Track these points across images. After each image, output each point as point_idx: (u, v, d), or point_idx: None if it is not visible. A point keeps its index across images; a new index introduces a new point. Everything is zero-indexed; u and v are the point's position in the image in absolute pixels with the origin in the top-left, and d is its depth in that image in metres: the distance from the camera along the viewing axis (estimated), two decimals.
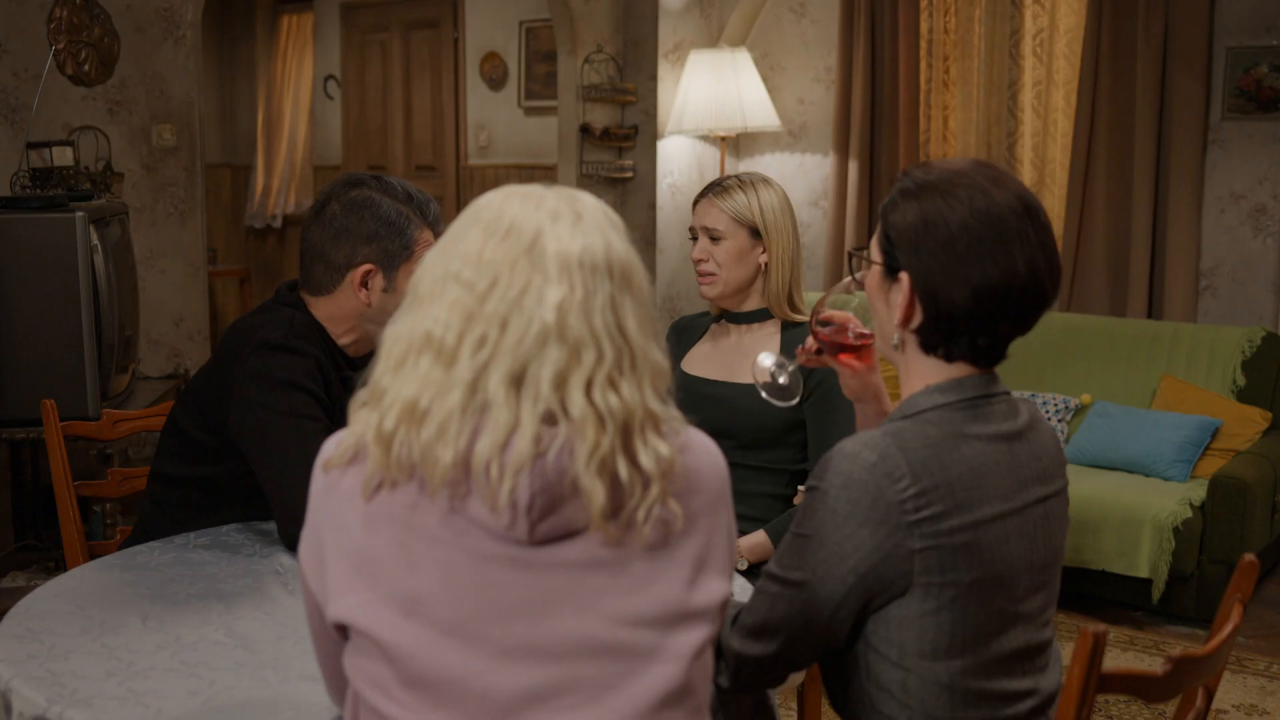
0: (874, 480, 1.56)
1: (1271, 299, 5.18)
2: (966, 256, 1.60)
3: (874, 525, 1.56)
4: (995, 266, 1.60)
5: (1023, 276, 1.61)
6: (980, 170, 1.66)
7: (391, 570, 1.34)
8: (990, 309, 1.62)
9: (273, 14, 9.42)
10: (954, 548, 1.57)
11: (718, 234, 2.76)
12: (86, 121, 4.98)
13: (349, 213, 2.38)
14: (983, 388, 1.67)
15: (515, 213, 1.37)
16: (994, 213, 1.61)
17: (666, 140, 6.22)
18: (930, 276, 1.62)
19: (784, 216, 2.78)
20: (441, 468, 1.31)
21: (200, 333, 5.36)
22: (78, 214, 4.00)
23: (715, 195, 2.78)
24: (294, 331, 2.36)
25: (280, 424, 2.25)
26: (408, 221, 2.39)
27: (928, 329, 1.66)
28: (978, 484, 1.60)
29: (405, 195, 2.41)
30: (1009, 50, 5.71)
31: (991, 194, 1.62)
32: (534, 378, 1.32)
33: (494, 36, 8.14)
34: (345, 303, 2.41)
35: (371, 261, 2.38)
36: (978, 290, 1.61)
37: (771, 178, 2.85)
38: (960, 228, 1.61)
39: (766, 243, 2.75)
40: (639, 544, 1.35)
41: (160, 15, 5.12)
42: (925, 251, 1.62)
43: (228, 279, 8.76)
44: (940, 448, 1.60)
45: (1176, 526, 4.19)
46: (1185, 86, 5.17)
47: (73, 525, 2.63)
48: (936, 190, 1.64)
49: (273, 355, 2.31)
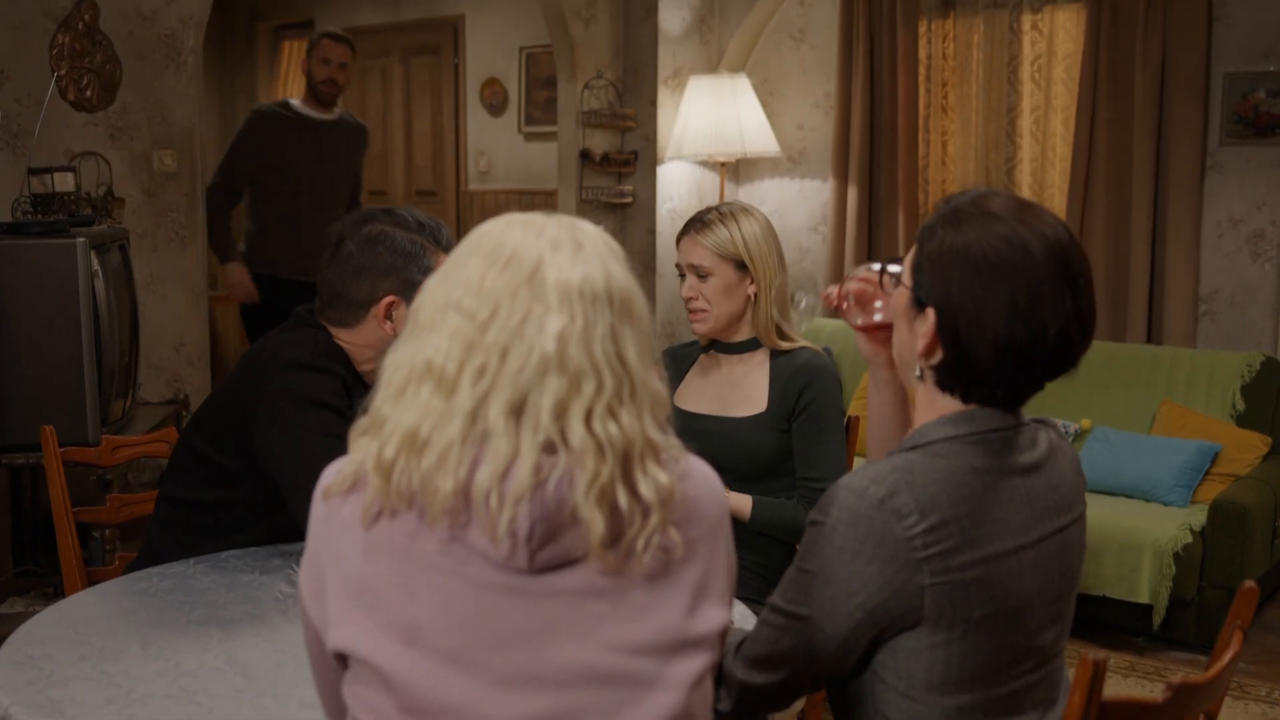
0: (881, 517, 1.54)
1: (1270, 324, 5.19)
2: (997, 312, 1.56)
3: (882, 562, 1.54)
4: (1026, 330, 1.56)
5: (1052, 344, 1.57)
6: (1024, 217, 1.59)
7: (391, 599, 1.34)
8: (1013, 368, 1.58)
9: (274, 39, 9.45)
10: (965, 583, 1.55)
11: (704, 271, 2.76)
12: (88, 147, 4.99)
13: (365, 249, 2.41)
14: (998, 420, 1.64)
15: (516, 241, 1.38)
16: (1031, 274, 1.55)
17: (666, 165, 6.24)
18: (957, 323, 1.58)
19: (768, 245, 2.77)
20: (441, 497, 1.31)
21: (200, 358, 5.36)
22: (79, 240, 4.01)
23: (697, 232, 2.78)
24: (319, 351, 2.39)
25: (310, 443, 2.26)
26: (422, 250, 2.42)
27: (947, 371, 1.63)
28: (989, 518, 1.58)
29: (417, 224, 2.44)
30: (1007, 76, 5.73)
31: (1032, 251, 1.56)
32: (534, 407, 1.32)
33: (494, 62, 8.17)
34: (370, 335, 2.44)
35: (394, 293, 2.41)
36: (1003, 349, 1.57)
37: (752, 206, 2.85)
38: (994, 280, 1.55)
39: (753, 273, 2.76)
40: (638, 572, 1.35)
41: (162, 42, 5.14)
42: (955, 295, 1.58)
43: (228, 304, 8.74)
44: (950, 482, 1.57)
45: (1177, 552, 4.19)
46: (1183, 112, 5.19)
47: (71, 551, 2.63)
48: (977, 227, 1.58)
49: (300, 374, 2.33)
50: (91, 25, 4.97)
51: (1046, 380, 1.63)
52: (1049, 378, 1.62)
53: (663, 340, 5.97)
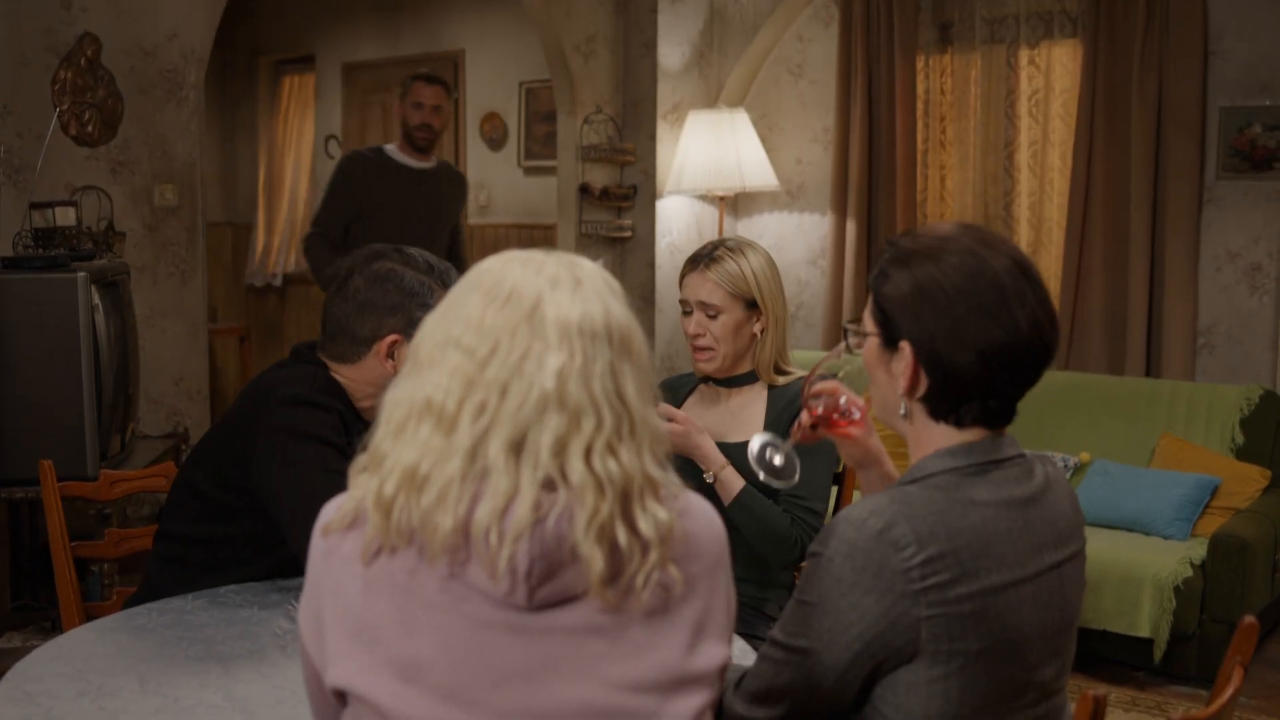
0: (879, 548, 1.54)
1: (1269, 357, 5.19)
2: (968, 320, 1.60)
3: (879, 593, 1.54)
4: (999, 327, 1.60)
5: (1026, 334, 1.61)
6: (968, 233, 1.66)
7: (390, 636, 1.34)
8: (997, 370, 1.61)
9: (275, 75, 9.50)
10: (962, 616, 1.55)
11: (714, 309, 2.70)
12: (89, 181, 5.01)
13: (372, 286, 2.41)
14: (994, 451, 1.65)
15: (515, 279, 1.38)
16: (989, 274, 1.61)
17: (665, 200, 6.26)
18: (933, 343, 1.62)
19: (774, 282, 2.73)
20: (441, 534, 1.32)
21: (200, 392, 5.36)
22: (79, 274, 4.02)
23: (707, 268, 2.71)
24: (317, 387, 2.39)
25: (309, 479, 2.25)
26: (430, 291, 2.42)
27: (935, 396, 1.65)
28: (987, 551, 1.58)
29: (426, 266, 2.45)
30: (1005, 111, 5.76)
31: (984, 256, 1.62)
32: (534, 444, 1.32)
33: (494, 97, 8.20)
34: (370, 372, 2.44)
35: (397, 332, 2.40)
36: (983, 353, 1.60)
37: (753, 240, 2.80)
38: (957, 292, 1.60)
39: (762, 311, 2.72)
40: (638, 609, 1.35)
41: (164, 77, 5.16)
42: (925, 319, 1.62)
43: (227, 337, 8.78)
44: (948, 514, 1.58)
45: (1177, 585, 4.18)
46: (1180, 146, 5.21)
47: (69, 586, 2.62)
48: (927, 256, 1.64)
49: (298, 410, 2.33)
50: (94, 60, 5.00)
51: (1033, 378, 1.65)
52: (1034, 374, 1.65)
53: (661, 373, 5.97)
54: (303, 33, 9.16)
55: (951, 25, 5.88)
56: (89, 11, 4.99)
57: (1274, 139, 5.09)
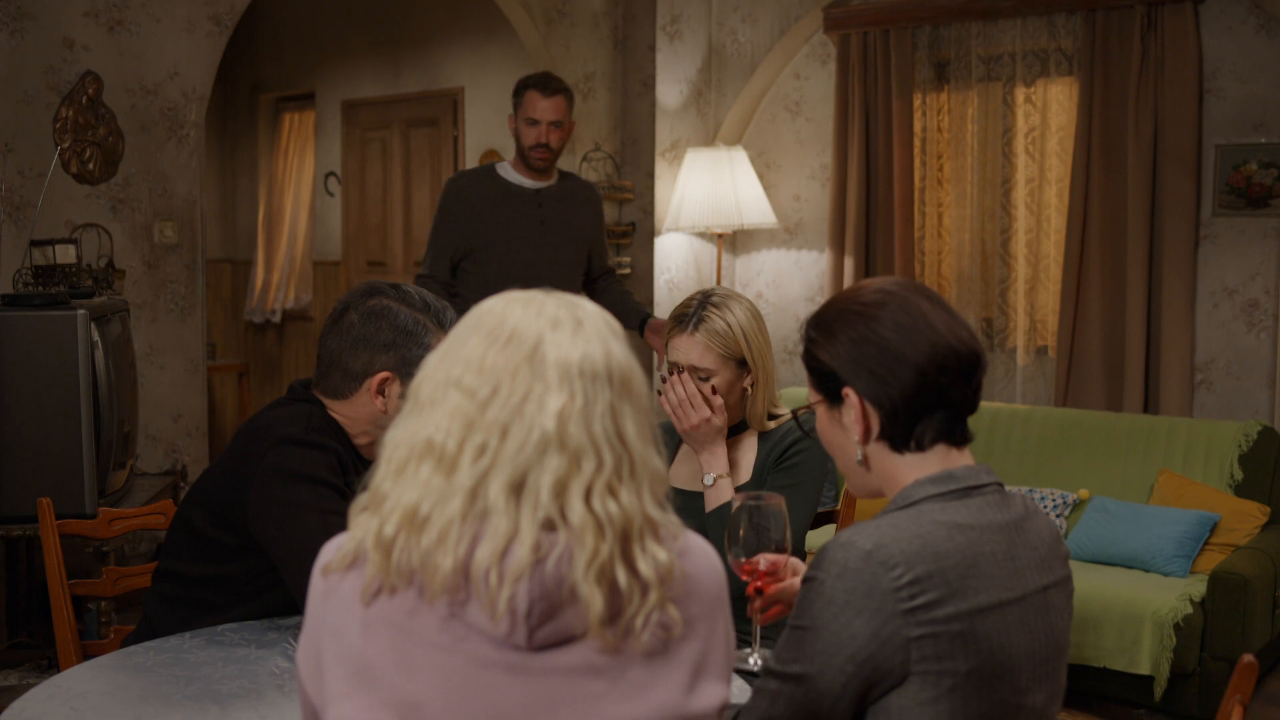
0: (869, 568, 1.57)
1: (1266, 393, 5.20)
2: (893, 341, 1.70)
3: (870, 613, 1.56)
4: (923, 339, 1.70)
5: (946, 338, 1.70)
6: (871, 282, 1.80)
7: (390, 676, 1.34)
8: (934, 378, 1.69)
9: (275, 112, 9.55)
10: (950, 636, 1.57)
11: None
12: (90, 219, 5.03)
13: (367, 322, 2.41)
14: (972, 478, 1.70)
15: (516, 320, 1.39)
16: (897, 299, 1.73)
17: (664, 237, 6.28)
18: (871, 376, 1.71)
19: (762, 335, 2.69)
20: (441, 575, 1.32)
21: (199, 429, 5.36)
22: (79, 312, 4.03)
23: (696, 330, 2.65)
24: (313, 426, 2.38)
25: (305, 519, 2.25)
26: (425, 330, 2.41)
27: (890, 426, 1.72)
28: (973, 572, 1.61)
29: (423, 304, 2.45)
30: (1002, 148, 5.79)
31: (887, 289, 1.75)
32: (534, 486, 1.32)
33: (493, 134, 8.23)
34: (362, 409, 2.43)
35: (389, 369, 2.40)
36: (917, 366, 1.69)
37: (733, 291, 2.75)
38: (877, 322, 1.72)
39: (753, 367, 2.69)
40: (637, 650, 1.35)
41: (164, 115, 5.19)
42: (857, 358, 1.72)
43: (226, 374, 8.78)
44: (934, 536, 1.62)
45: (1177, 623, 4.17)
46: (1176, 183, 5.23)
47: (66, 625, 2.62)
48: (841, 312, 1.76)
49: (293, 450, 2.32)
50: (95, 99, 5.04)
51: (970, 384, 1.73)
52: (970, 379, 1.73)
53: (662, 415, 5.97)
54: (303, 70, 9.22)
55: (948, 63, 5.92)
56: (91, 50, 5.02)
57: (1270, 176, 5.12)
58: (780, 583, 2.02)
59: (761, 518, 2.00)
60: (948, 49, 5.90)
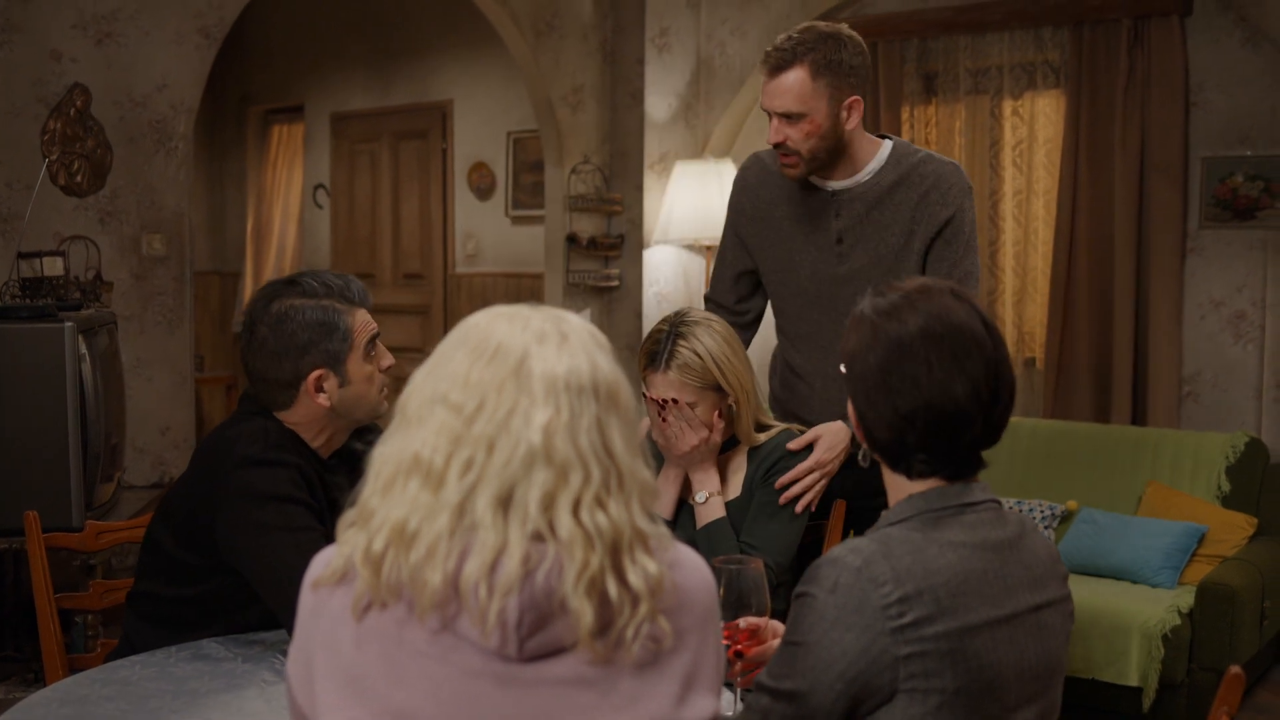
0: (859, 584, 1.58)
1: (1253, 404, 5.22)
2: (882, 385, 1.68)
3: (859, 630, 1.57)
4: (907, 387, 1.66)
5: (927, 395, 1.66)
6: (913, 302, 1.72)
7: (380, 686, 1.33)
8: (903, 431, 1.68)
9: (264, 124, 9.55)
10: (939, 654, 1.58)
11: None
12: (77, 231, 5.02)
13: (277, 330, 2.37)
14: (964, 495, 1.70)
15: (502, 334, 1.39)
16: (910, 338, 1.68)
17: (652, 249, 6.29)
18: (865, 400, 1.72)
19: (735, 356, 2.68)
20: (430, 589, 1.31)
21: (186, 441, 5.35)
22: (66, 324, 4.01)
23: (669, 367, 2.64)
24: (270, 443, 2.35)
25: (277, 540, 2.24)
26: (336, 314, 2.38)
27: (875, 448, 1.75)
28: (963, 590, 1.61)
29: (324, 288, 2.39)
30: (989, 161, 5.81)
31: (913, 325, 1.68)
32: (521, 499, 1.32)
33: (482, 147, 8.24)
34: (307, 412, 2.41)
35: (317, 366, 2.37)
36: (895, 410, 1.68)
37: (698, 312, 2.72)
38: (877, 358, 1.70)
39: (731, 390, 2.68)
40: (628, 662, 1.35)
41: (153, 128, 5.19)
42: (859, 381, 1.72)
43: (214, 386, 8.76)
44: (924, 554, 1.62)
45: (1165, 634, 4.17)
46: (1163, 196, 5.26)
47: (53, 638, 2.60)
48: (867, 328, 1.73)
49: (255, 471, 2.30)
50: (83, 111, 5.03)
51: (959, 437, 1.68)
52: (956, 433, 1.68)
53: None
54: (292, 82, 9.22)
55: (936, 76, 5.94)
56: (79, 62, 5.01)
57: (1256, 188, 5.14)
58: (761, 645, 2.00)
59: (741, 581, 2.00)
60: (936, 62, 5.92)
